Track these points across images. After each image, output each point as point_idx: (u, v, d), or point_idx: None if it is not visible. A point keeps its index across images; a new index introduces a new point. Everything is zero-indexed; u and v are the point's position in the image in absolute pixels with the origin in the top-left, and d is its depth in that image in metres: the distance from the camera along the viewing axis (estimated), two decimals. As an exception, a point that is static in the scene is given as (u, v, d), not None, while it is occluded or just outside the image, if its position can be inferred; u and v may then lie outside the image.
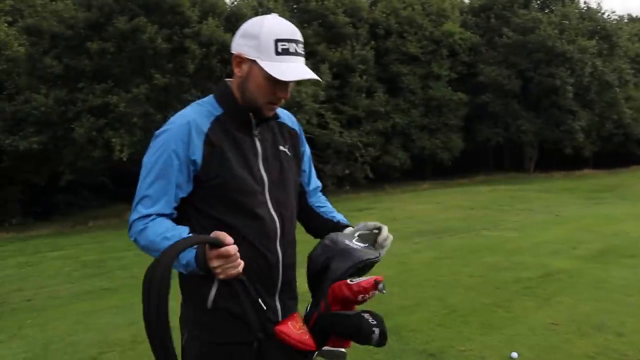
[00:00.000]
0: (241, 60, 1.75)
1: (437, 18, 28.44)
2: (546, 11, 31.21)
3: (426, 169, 30.60)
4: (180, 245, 1.53)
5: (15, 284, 9.25)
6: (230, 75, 1.87)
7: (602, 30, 30.24)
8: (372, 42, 26.87)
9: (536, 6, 31.07)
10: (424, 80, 27.79)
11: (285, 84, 1.75)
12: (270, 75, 1.68)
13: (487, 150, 32.80)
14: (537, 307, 5.42)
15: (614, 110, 30.10)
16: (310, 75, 1.74)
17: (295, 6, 27.34)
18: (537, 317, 5.09)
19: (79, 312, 6.60)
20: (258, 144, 1.85)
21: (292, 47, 1.71)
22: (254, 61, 1.71)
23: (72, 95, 19.00)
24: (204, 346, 1.81)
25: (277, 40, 1.69)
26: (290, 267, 1.91)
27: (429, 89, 27.67)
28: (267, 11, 23.53)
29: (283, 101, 1.83)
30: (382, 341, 1.61)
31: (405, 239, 10.65)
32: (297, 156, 2.00)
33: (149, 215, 1.72)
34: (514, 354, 4.14)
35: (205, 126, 1.76)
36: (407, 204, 17.81)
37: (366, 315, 1.62)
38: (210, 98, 1.86)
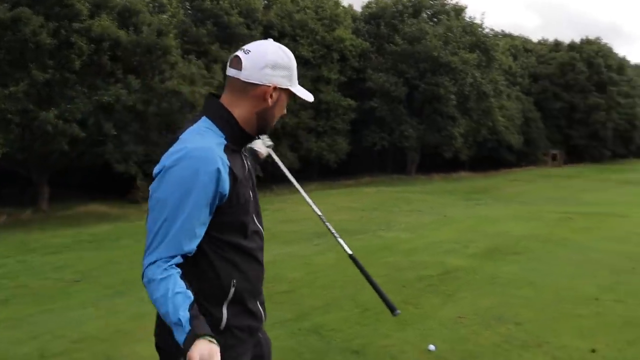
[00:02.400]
0: (273, 90, 1.78)
1: (329, 23, 29.15)
2: (433, 21, 33.10)
3: (313, 170, 31.17)
4: None
5: None
6: (222, 83, 1.91)
7: (481, 44, 32.64)
8: (265, 44, 26.91)
9: (426, 16, 32.83)
10: (315, 84, 28.33)
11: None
12: (298, 99, 1.88)
13: (372, 153, 34.08)
14: (443, 303, 5.79)
15: (489, 118, 32.59)
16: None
17: (189, 4, 26.77)
18: (444, 312, 5.45)
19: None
20: (247, 163, 1.88)
21: None
22: (285, 90, 1.83)
23: None
24: None
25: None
26: None
27: (320, 93, 28.27)
28: (161, 7, 22.89)
29: None
30: None
31: (305, 240, 10.85)
32: None
33: (173, 257, 1.61)
34: (432, 347, 4.42)
35: (225, 157, 1.69)
36: (299, 204, 17.89)
37: None
38: (209, 123, 1.76)
